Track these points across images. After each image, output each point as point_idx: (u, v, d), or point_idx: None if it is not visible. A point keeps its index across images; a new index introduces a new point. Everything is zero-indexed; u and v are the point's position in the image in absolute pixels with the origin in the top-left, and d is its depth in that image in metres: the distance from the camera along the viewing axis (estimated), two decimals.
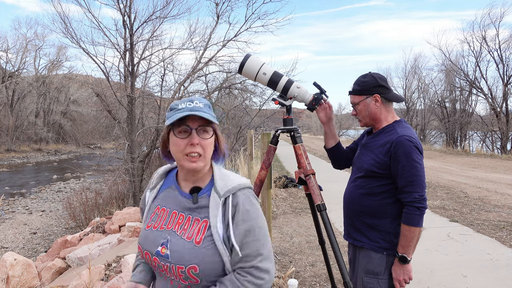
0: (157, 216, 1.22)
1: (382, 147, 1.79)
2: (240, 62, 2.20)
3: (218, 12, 12.45)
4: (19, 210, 13.61)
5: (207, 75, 13.75)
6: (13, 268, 4.17)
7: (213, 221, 1.11)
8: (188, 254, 1.10)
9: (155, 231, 1.18)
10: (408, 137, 1.72)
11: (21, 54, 36.40)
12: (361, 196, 1.87)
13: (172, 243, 1.13)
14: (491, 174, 10.40)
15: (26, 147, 35.06)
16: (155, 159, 14.09)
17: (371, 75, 1.87)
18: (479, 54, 21.34)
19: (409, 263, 1.74)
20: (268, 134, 4.58)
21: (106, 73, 12.18)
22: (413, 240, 1.70)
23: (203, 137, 1.14)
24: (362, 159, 1.90)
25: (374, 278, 1.80)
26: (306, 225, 5.50)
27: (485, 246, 4.46)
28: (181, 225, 1.16)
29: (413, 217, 1.68)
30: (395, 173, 1.74)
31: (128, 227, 5.90)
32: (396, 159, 1.72)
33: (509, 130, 19.66)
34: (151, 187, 1.31)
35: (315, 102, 2.21)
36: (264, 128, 15.75)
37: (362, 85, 1.86)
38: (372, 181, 1.83)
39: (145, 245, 1.18)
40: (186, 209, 1.18)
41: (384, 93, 1.85)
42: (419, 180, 1.69)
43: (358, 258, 1.90)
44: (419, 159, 1.71)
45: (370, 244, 1.82)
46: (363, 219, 1.86)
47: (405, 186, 1.70)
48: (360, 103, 1.88)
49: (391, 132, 1.80)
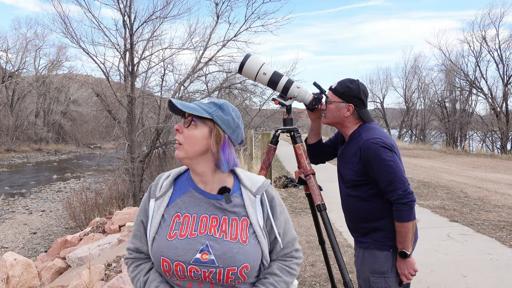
0: (180, 224, 1.13)
1: (355, 155, 1.82)
2: (240, 62, 2.20)
3: (218, 12, 12.47)
4: (19, 210, 13.61)
5: (207, 75, 13.79)
6: (13, 268, 4.17)
7: (253, 218, 1.15)
8: (238, 255, 1.09)
9: (185, 239, 1.10)
10: (372, 139, 1.75)
11: (21, 54, 36.45)
12: (354, 204, 1.91)
13: (214, 247, 1.09)
14: (491, 174, 10.40)
15: (26, 147, 35.06)
16: (155, 159, 14.10)
17: (357, 84, 1.88)
18: (479, 54, 21.40)
19: (410, 256, 1.77)
20: (268, 134, 4.63)
21: (106, 73, 12.20)
22: (408, 234, 1.73)
23: (189, 128, 1.13)
24: (343, 171, 1.95)
25: (381, 277, 1.82)
26: (306, 225, 5.50)
27: (485, 246, 4.46)
28: (217, 227, 1.13)
29: (403, 213, 1.71)
30: (373, 177, 1.77)
31: (128, 227, 5.90)
32: (369, 163, 1.75)
33: (509, 130, 19.67)
34: (157, 195, 1.19)
35: (315, 102, 2.21)
36: (264, 128, 15.76)
37: (345, 90, 1.87)
38: (359, 189, 1.86)
39: (176, 256, 1.09)
40: (219, 211, 1.15)
41: (359, 107, 1.88)
42: (397, 177, 1.71)
43: (363, 259, 1.91)
44: (390, 156, 1.72)
45: (375, 244, 1.84)
46: (363, 224, 1.89)
47: (386, 186, 1.74)
48: (334, 103, 1.91)
49: (357, 139, 1.84)
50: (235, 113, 1.20)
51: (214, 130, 1.13)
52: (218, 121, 1.14)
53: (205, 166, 1.16)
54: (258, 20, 14.66)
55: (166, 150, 14.00)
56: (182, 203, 1.17)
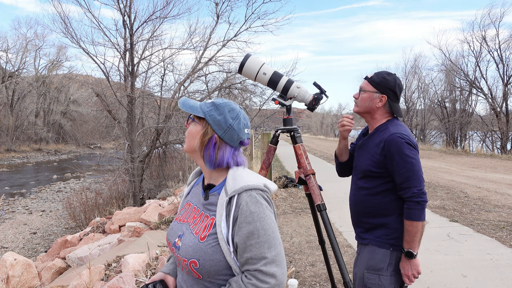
0: (184, 211, 1.30)
1: (377, 147, 1.81)
2: (240, 62, 2.20)
3: (218, 12, 12.46)
4: (19, 210, 13.61)
5: (207, 75, 13.77)
6: (13, 268, 4.16)
7: (218, 220, 1.12)
8: (192, 249, 1.13)
9: (178, 224, 1.27)
10: (399, 134, 1.75)
11: (21, 54, 36.43)
12: (363, 197, 1.89)
13: (184, 236, 1.19)
14: (491, 174, 10.40)
15: (26, 147, 35.05)
16: (155, 159, 14.08)
17: (394, 77, 1.87)
18: (479, 54, 21.38)
19: (415, 257, 1.75)
20: (268, 134, 4.63)
21: (106, 73, 12.19)
22: (416, 234, 1.71)
23: (189, 125, 1.25)
24: (360, 161, 1.93)
25: (375, 274, 1.80)
26: (306, 225, 5.50)
27: (485, 246, 4.46)
28: (195, 219, 1.21)
29: (414, 212, 1.70)
30: (391, 171, 1.76)
31: (128, 227, 5.90)
32: (390, 156, 1.74)
33: (509, 130, 19.66)
34: (187, 183, 1.39)
35: (315, 102, 2.21)
36: (264, 128, 15.75)
37: (381, 80, 1.85)
38: (372, 181, 1.85)
39: (169, 236, 1.27)
40: (201, 205, 1.23)
41: (392, 100, 1.87)
42: (415, 174, 1.71)
43: (361, 255, 1.91)
44: (413, 154, 1.72)
45: (376, 241, 1.84)
46: (368, 219, 1.88)
47: (402, 182, 1.73)
48: (367, 92, 1.88)
49: (384, 131, 1.83)
50: (232, 113, 1.19)
51: (204, 129, 1.20)
52: (210, 120, 1.19)
53: (200, 162, 1.24)
54: (258, 20, 14.69)
55: (166, 150, 13.99)
56: (192, 193, 1.33)
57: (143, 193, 12.19)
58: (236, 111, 1.21)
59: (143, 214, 6.28)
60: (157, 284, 1.28)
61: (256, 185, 1.14)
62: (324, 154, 18.72)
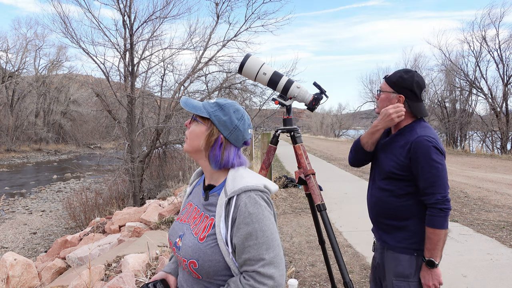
0: (185, 211, 1.30)
1: (402, 149, 1.74)
2: (240, 62, 2.21)
3: (218, 12, 12.46)
4: (19, 210, 13.61)
5: (207, 75, 13.78)
6: (13, 268, 4.16)
7: (217, 220, 1.12)
8: (191, 249, 1.14)
9: (179, 224, 1.28)
10: (427, 137, 1.67)
11: (21, 54, 36.44)
12: (385, 198, 1.82)
13: (185, 236, 1.20)
14: (491, 174, 10.40)
15: (26, 147, 35.05)
16: (155, 159, 14.09)
17: (412, 75, 1.77)
18: (479, 54, 21.37)
19: (437, 267, 1.69)
20: (268, 134, 4.62)
21: (106, 73, 12.19)
22: (439, 242, 1.65)
23: (191, 124, 1.23)
24: (383, 162, 1.84)
25: (405, 281, 1.74)
26: (306, 225, 5.50)
27: (485, 246, 4.46)
28: (195, 220, 1.22)
29: (437, 219, 1.64)
30: (416, 175, 1.69)
31: (128, 227, 5.90)
32: (416, 160, 1.67)
33: (509, 130, 19.66)
34: (189, 183, 1.40)
35: (315, 102, 2.22)
36: (264, 128, 15.76)
37: (397, 79, 1.78)
38: (395, 183, 1.78)
39: (171, 235, 1.29)
40: (202, 206, 1.23)
41: (410, 99, 1.77)
42: (440, 180, 1.65)
43: (387, 261, 1.84)
44: (440, 159, 1.66)
45: (399, 246, 1.78)
46: (389, 221, 1.82)
47: (426, 187, 1.66)
48: (385, 93, 1.82)
49: (410, 133, 1.75)
50: (237, 114, 1.20)
51: (210, 129, 1.19)
52: (215, 121, 1.18)
53: (202, 162, 1.24)
54: (258, 20, 14.70)
55: (166, 150, 13.99)
56: (194, 193, 1.33)
57: (143, 193, 12.19)
58: (241, 111, 1.22)
59: (143, 214, 6.28)
60: (158, 283, 1.29)
61: (256, 186, 1.13)
62: (324, 154, 18.72)
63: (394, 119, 1.76)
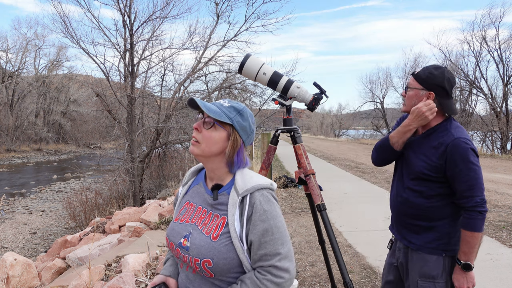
0: (185, 211, 1.29)
1: (436, 150, 1.68)
2: (240, 62, 2.21)
3: (218, 12, 12.47)
4: (19, 210, 13.61)
5: (207, 75, 13.79)
6: (13, 268, 4.16)
7: (230, 219, 1.15)
8: (205, 248, 1.15)
9: (181, 224, 1.26)
10: (464, 139, 1.64)
11: (21, 54, 36.45)
12: (414, 198, 1.78)
13: (193, 236, 1.19)
14: (491, 174, 10.40)
15: (26, 147, 35.05)
16: (155, 159, 14.09)
17: (442, 72, 1.70)
18: (479, 54, 21.38)
19: (472, 270, 1.67)
20: (268, 134, 4.62)
21: (106, 73, 12.20)
22: (476, 245, 1.63)
23: (209, 130, 1.19)
24: (412, 161, 1.78)
25: (430, 282, 1.72)
26: (306, 225, 5.50)
27: (485, 246, 4.45)
28: (203, 220, 1.22)
29: (476, 222, 1.61)
30: (451, 177, 1.65)
31: (128, 227, 5.90)
32: (453, 162, 1.63)
33: (509, 130, 19.67)
34: (183, 183, 1.38)
35: (315, 102, 2.22)
36: (264, 128, 15.75)
37: (427, 76, 1.71)
38: (426, 184, 1.74)
39: (171, 236, 1.26)
40: (209, 205, 1.23)
41: (440, 97, 1.71)
42: (478, 183, 1.62)
43: (411, 261, 1.81)
44: (477, 162, 1.64)
45: (427, 248, 1.75)
46: (418, 222, 1.79)
47: (465, 190, 1.63)
48: (414, 90, 1.75)
49: (444, 133, 1.70)
50: (252, 118, 1.26)
51: (233, 135, 1.20)
52: (237, 127, 1.20)
53: (216, 165, 1.23)
54: (258, 20, 14.70)
55: (166, 150, 14.00)
56: (192, 193, 1.32)
57: (143, 193, 12.20)
58: (252, 115, 1.27)
59: (143, 214, 6.28)
60: None
61: (266, 184, 1.19)
62: (324, 154, 18.72)
63: (428, 116, 1.69)
